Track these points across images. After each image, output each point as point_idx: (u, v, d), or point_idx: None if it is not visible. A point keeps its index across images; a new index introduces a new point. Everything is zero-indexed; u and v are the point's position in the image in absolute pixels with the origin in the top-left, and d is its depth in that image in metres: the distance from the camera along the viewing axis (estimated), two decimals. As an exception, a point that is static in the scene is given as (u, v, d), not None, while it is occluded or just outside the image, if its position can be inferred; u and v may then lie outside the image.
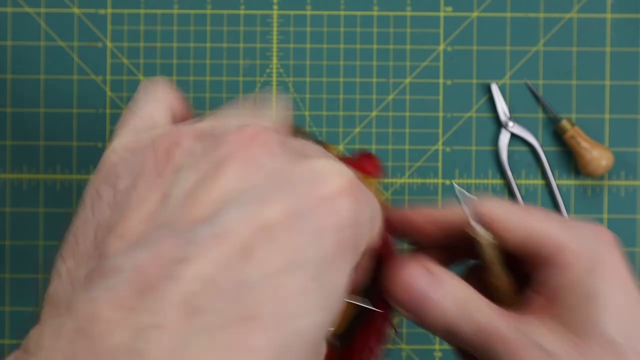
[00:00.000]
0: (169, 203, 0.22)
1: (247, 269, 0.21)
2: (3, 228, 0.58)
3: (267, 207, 0.22)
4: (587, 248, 0.31)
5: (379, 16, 0.59)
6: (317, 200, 0.22)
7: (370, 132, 0.59)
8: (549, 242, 0.31)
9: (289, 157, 0.23)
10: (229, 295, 0.20)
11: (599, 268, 0.30)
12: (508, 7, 0.59)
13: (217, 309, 0.20)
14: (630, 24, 0.59)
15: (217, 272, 0.20)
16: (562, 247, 0.31)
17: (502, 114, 0.58)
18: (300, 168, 0.23)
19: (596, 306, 0.30)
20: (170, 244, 0.21)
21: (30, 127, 0.59)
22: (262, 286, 0.21)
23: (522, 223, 0.31)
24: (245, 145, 0.23)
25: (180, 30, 0.59)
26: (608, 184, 0.59)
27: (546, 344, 0.29)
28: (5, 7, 0.58)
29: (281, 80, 0.59)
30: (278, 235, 0.21)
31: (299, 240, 0.22)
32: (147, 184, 0.23)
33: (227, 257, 0.21)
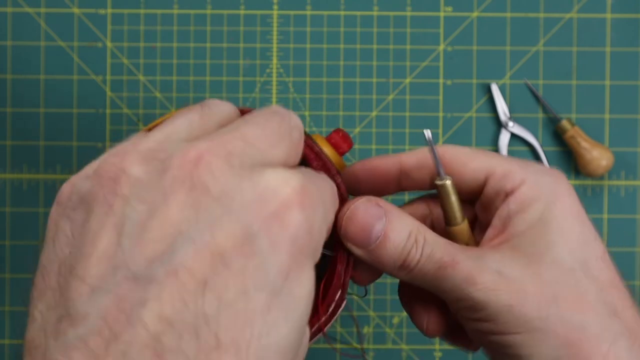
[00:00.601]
0: (122, 241, 0.22)
1: (205, 302, 0.21)
2: (3, 228, 0.58)
3: (216, 234, 0.22)
4: (544, 184, 0.32)
5: (379, 16, 0.59)
6: (267, 217, 0.22)
7: (370, 132, 0.59)
8: (510, 176, 0.32)
9: (236, 174, 0.23)
10: (192, 330, 0.21)
11: (556, 200, 0.32)
12: (508, 7, 0.59)
13: (182, 347, 0.21)
14: (630, 24, 0.59)
15: (176, 310, 0.21)
16: (522, 180, 0.32)
17: (502, 114, 0.58)
18: (247, 185, 0.23)
19: (550, 231, 0.31)
20: (128, 288, 0.21)
21: (30, 127, 0.59)
22: (222, 315, 0.21)
23: (485, 162, 0.33)
24: (190, 171, 0.23)
25: (180, 30, 0.59)
26: (608, 184, 0.59)
27: (501, 267, 0.31)
28: (5, 7, 0.58)
29: (281, 80, 0.59)
30: (231, 261, 0.22)
31: (252, 262, 0.22)
32: (99, 219, 0.23)
33: (183, 294, 0.21)
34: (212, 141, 0.23)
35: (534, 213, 0.32)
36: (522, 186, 0.32)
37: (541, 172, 0.33)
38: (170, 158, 0.23)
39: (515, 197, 0.32)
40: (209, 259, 0.21)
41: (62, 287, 0.23)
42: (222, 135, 0.24)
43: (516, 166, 0.32)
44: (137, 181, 0.23)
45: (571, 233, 0.32)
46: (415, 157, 0.34)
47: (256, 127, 0.25)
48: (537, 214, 0.32)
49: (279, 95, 0.59)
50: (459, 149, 0.33)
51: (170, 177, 0.23)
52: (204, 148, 0.23)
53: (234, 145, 0.24)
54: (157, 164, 0.23)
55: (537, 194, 0.32)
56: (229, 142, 0.24)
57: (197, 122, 0.25)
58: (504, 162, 0.33)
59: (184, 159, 0.23)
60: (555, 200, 0.32)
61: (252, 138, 0.24)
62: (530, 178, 0.32)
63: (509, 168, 0.32)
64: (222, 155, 0.23)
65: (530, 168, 0.33)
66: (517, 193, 0.32)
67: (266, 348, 0.22)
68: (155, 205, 0.22)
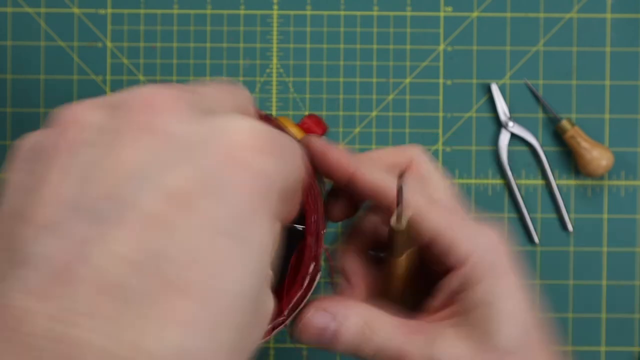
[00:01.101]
0: (73, 182, 0.21)
1: (161, 242, 0.20)
2: (3, 228, 0.58)
3: (172, 175, 0.21)
4: (487, 260, 0.33)
5: (379, 16, 0.59)
6: (225, 158, 0.22)
7: (370, 132, 0.59)
8: (454, 250, 0.33)
9: (195, 116, 0.22)
10: (148, 270, 0.20)
11: (499, 279, 0.33)
12: (508, 7, 0.59)
13: (137, 286, 0.20)
14: (630, 24, 0.59)
15: (131, 249, 0.20)
16: (465, 257, 0.33)
17: (502, 114, 0.58)
18: (207, 128, 0.22)
19: (490, 315, 0.33)
20: (77, 226, 0.20)
21: (30, 127, 0.58)
22: (181, 257, 0.20)
23: (433, 226, 0.34)
24: (148, 112, 0.22)
25: (180, 30, 0.59)
26: (608, 184, 0.59)
27: (448, 355, 0.33)
28: (5, 7, 0.58)
29: (281, 80, 0.59)
30: (189, 201, 0.21)
31: (210, 202, 0.21)
32: (50, 162, 0.22)
33: (139, 233, 0.20)
34: (165, 89, 0.23)
35: (477, 294, 0.33)
36: (465, 265, 0.33)
37: (484, 245, 0.34)
38: (126, 102, 0.23)
39: (458, 275, 0.33)
40: (165, 199, 0.21)
41: (10, 232, 0.22)
42: (175, 87, 0.23)
43: (459, 238, 0.33)
44: (91, 125, 0.22)
45: (513, 319, 0.33)
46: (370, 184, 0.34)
47: (209, 87, 0.25)
48: (480, 296, 0.33)
49: (279, 95, 0.59)
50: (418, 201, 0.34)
51: (125, 120, 0.22)
52: (157, 93, 0.23)
53: (186, 94, 0.23)
54: (113, 109, 0.23)
55: (480, 274, 0.33)
56: (187, 91, 0.23)
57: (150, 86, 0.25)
58: (448, 231, 0.33)
59: (142, 102, 0.22)
60: (499, 278, 0.33)
61: (205, 91, 0.24)
62: (473, 256, 0.33)
63: (453, 239, 0.33)
64: (182, 99, 0.23)
65: (473, 241, 0.33)
66: (461, 271, 0.33)
67: (226, 296, 0.21)
68: (109, 147, 0.22)
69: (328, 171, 0.35)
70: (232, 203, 0.21)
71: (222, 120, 0.22)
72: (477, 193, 0.58)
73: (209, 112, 0.23)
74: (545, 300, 0.58)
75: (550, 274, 0.58)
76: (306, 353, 0.58)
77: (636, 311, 0.58)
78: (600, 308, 0.58)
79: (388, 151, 0.37)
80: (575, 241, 0.59)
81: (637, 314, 0.58)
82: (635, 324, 0.58)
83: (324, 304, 0.34)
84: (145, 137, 0.22)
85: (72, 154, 0.22)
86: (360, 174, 0.34)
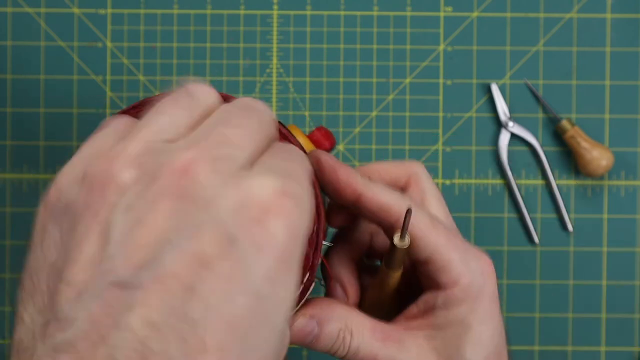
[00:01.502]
0: (109, 248, 0.23)
1: (190, 306, 0.22)
2: (3, 228, 0.58)
3: (201, 240, 0.22)
4: (474, 286, 0.35)
5: (379, 16, 0.59)
6: (251, 223, 0.23)
7: (370, 132, 0.59)
8: (446, 271, 0.35)
9: (221, 181, 0.23)
10: (178, 334, 0.21)
11: (479, 304, 0.35)
12: (508, 7, 0.59)
13: (169, 351, 0.21)
14: (630, 24, 0.59)
15: (163, 315, 0.21)
16: (456, 280, 0.35)
17: (502, 114, 0.58)
18: (232, 192, 0.23)
19: (464, 335, 0.35)
20: (115, 293, 0.22)
21: (30, 127, 0.59)
22: (208, 319, 0.22)
23: (430, 245, 0.35)
24: (177, 180, 0.23)
25: (180, 30, 0.59)
26: (608, 184, 0.59)
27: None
28: (5, 7, 0.58)
29: (281, 80, 0.59)
30: (216, 266, 0.22)
31: (237, 266, 0.22)
32: (87, 224, 0.23)
33: (169, 299, 0.22)
34: (198, 148, 0.24)
35: (456, 314, 0.35)
36: (454, 287, 0.35)
37: (476, 270, 0.35)
38: (159, 167, 0.24)
39: (444, 295, 0.35)
40: (194, 264, 0.22)
41: (51, 291, 0.23)
42: (207, 139, 0.24)
43: (456, 260, 0.35)
44: (125, 188, 0.23)
45: (486, 343, 0.35)
46: (376, 204, 0.35)
47: (239, 129, 0.25)
48: (461, 316, 0.35)
49: (279, 95, 0.59)
50: (421, 220, 0.35)
51: (158, 186, 0.23)
52: (191, 157, 0.24)
53: (219, 152, 0.24)
54: (146, 172, 0.24)
55: (464, 297, 0.35)
56: (214, 148, 0.24)
57: (183, 119, 0.26)
58: (446, 251, 0.35)
59: (172, 168, 0.23)
60: (482, 304, 0.35)
61: (236, 140, 0.25)
62: (464, 278, 0.35)
63: (449, 261, 0.35)
64: (208, 162, 0.24)
65: (467, 265, 0.35)
66: (448, 292, 0.35)
67: (249, 350, 0.22)
68: (142, 213, 0.23)
69: (336, 190, 0.36)
70: (259, 266, 0.23)
71: (248, 183, 0.23)
72: (477, 193, 0.58)
73: (237, 168, 0.24)
74: (545, 301, 0.58)
75: (550, 274, 0.58)
76: (306, 353, 0.58)
77: (636, 311, 0.58)
78: (600, 308, 0.58)
79: (388, 165, 0.38)
80: (575, 241, 0.58)
81: (637, 314, 0.58)
82: (635, 324, 0.58)
83: (309, 310, 0.36)
84: (176, 203, 0.23)
85: (108, 218, 0.23)
86: (369, 195, 0.35)
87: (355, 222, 0.39)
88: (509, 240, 0.58)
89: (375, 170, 0.38)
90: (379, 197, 0.35)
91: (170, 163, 0.23)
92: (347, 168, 0.36)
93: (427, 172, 0.38)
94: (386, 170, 0.38)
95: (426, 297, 0.36)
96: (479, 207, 0.58)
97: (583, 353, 0.58)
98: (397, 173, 0.38)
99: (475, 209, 0.58)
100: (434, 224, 0.35)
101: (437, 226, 0.35)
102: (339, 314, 0.36)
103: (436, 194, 0.38)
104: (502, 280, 0.58)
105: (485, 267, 0.35)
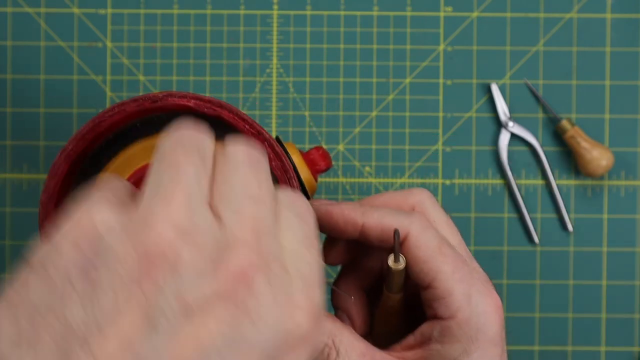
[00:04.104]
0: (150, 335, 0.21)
1: None
2: (3, 228, 0.58)
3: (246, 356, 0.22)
4: (473, 324, 0.33)
5: (379, 16, 0.59)
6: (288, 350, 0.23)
7: (370, 132, 0.59)
8: (447, 301, 0.33)
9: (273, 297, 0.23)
10: None
11: (470, 339, 0.33)
12: (508, 7, 0.59)
13: None
14: (630, 24, 0.59)
15: None
16: (454, 313, 0.33)
17: (502, 114, 0.58)
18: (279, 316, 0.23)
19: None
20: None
21: (30, 127, 0.59)
22: None
23: (432, 270, 0.34)
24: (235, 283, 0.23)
25: (180, 30, 0.59)
26: (608, 184, 0.59)
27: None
28: (5, 7, 0.58)
29: (281, 80, 0.59)
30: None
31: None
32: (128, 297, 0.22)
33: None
34: (253, 252, 0.23)
35: (450, 352, 0.33)
36: (451, 319, 0.33)
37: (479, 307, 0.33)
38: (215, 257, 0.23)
39: (440, 326, 0.34)
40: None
41: (63, 352, 0.21)
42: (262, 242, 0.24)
43: (458, 291, 0.33)
44: (177, 273, 0.22)
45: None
46: (380, 229, 0.34)
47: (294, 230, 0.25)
48: (452, 355, 0.33)
49: (279, 95, 0.59)
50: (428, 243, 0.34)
51: (213, 288, 0.22)
52: (247, 261, 0.23)
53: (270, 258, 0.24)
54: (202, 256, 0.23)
55: (460, 334, 0.33)
56: (264, 252, 0.24)
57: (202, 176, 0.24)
58: (449, 280, 0.33)
59: (229, 269, 0.23)
60: (477, 345, 0.33)
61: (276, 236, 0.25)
62: (462, 313, 0.33)
63: (449, 291, 0.33)
64: (263, 272, 0.23)
65: (469, 299, 0.33)
66: (444, 323, 0.33)
67: None
68: (193, 310, 0.22)
69: (339, 231, 0.35)
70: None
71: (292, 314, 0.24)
72: (477, 193, 0.58)
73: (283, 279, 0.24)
74: (545, 301, 0.58)
75: (550, 274, 0.58)
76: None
77: (636, 311, 0.58)
78: (600, 308, 0.58)
79: (393, 196, 0.37)
80: (575, 241, 0.58)
81: (637, 314, 0.58)
82: (635, 324, 0.58)
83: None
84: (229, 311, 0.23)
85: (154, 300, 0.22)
86: (371, 222, 0.34)
87: (364, 249, 0.38)
88: (509, 240, 0.58)
89: (381, 202, 0.37)
90: (382, 220, 0.34)
91: (227, 261, 0.23)
92: (340, 205, 0.35)
93: (433, 198, 0.37)
94: (391, 201, 0.37)
95: (424, 327, 0.35)
96: (479, 207, 0.58)
97: (583, 353, 0.58)
98: (399, 203, 0.36)
99: (475, 209, 0.58)
100: (442, 249, 0.34)
101: (444, 251, 0.34)
102: (328, 329, 0.34)
103: (445, 219, 0.36)
104: (502, 280, 0.58)
105: (490, 306, 0.33)
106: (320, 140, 0.58)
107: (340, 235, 0.36)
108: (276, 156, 0.34)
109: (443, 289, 0.33)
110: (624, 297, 0.58)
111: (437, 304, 0.34)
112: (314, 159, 0.40)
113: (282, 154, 0.34)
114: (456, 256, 0.34)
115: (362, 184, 0.58)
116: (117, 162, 0.37)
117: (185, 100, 0.35)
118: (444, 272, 0.33)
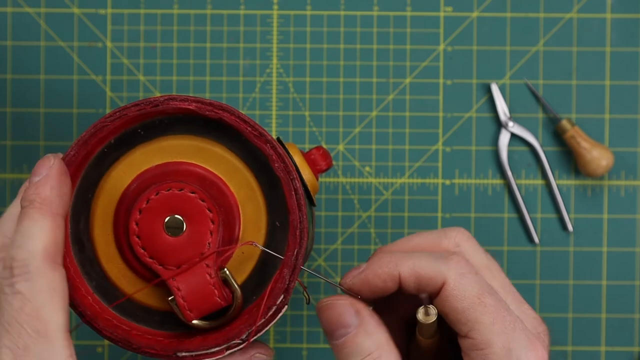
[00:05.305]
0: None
1: None
2: (3, 228, 0.58)
3: None
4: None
5: (379, 16, 0.59)
6: None
7: (370, 132, 0.59)
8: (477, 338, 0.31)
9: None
10: None
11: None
12: (508, 7, 0.59)
13: None
14: (630, 24, 0.59)
15: None
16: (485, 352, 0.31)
17: (502, 114, 0.58)
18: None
19: None
20: None
21: (30, 127, 0.59)
22: None
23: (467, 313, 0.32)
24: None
25: (180, 30, 0.59)
26: (608, 184, 0.59)
27: None
28: (5, 7, 0.58)
29: (281, 80, 0.59)
30: None
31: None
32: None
33: None
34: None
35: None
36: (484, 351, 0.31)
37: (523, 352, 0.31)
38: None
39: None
40: None
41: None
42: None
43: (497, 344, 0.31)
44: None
45: None
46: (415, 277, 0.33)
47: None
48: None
49: (279, 95, 0.59)
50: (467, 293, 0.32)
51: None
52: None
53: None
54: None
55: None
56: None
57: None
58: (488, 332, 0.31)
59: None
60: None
61: None
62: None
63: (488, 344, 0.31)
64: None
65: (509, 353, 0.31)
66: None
67: None
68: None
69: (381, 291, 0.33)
70: None
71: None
72: (477, 193, 0.58)
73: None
74: (545, 301, 0.58)
75: (550, 274, 0.58)
76: (306, 353, 0.58)
77: (636, 311, 0.58)
78: (600, 308, 0.58)
79: (427, 237, 0.35)
80: (575, 241, 0.59)
81: (637, 314, 0.58)
82: (635, 324, 0.58)
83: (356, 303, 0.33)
84: None
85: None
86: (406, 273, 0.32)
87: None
88: (509, 240, 0.58)
89: (412, 244, 0.35)
90: (416, 269, 0.32)
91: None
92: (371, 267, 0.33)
93: (471, 238, 0.35)
94: (426, 242, 0.34)
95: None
96: (479, 207, 0.58)
97: (583, 353, 0.58)
98: (434, 245, 0.34)
99: (475, 209, 0.58)
100: (481, 298, 0.31)
101: (484, 301, 0.31)
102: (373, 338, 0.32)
103: (485, 262, 0.34)
104: (502, 280, 0.58)
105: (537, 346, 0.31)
106: (320, 140, 0.58)
107: (384, 294, 0.34)
108: (279, 157, 0.34)
109: (481, 340, 0.31)
110: (624, 297, 0.58)
111: (475, 354, 0.32)
112: (315, 159, 0.40)
113: (284, 155, 0.34)
114: (497, 305, 0.32)
115: (362, 184, 0.58)
116: (119, 166, 0.37)
117: (187, 103, 0.35)
118: (483, 323, 0.31)
